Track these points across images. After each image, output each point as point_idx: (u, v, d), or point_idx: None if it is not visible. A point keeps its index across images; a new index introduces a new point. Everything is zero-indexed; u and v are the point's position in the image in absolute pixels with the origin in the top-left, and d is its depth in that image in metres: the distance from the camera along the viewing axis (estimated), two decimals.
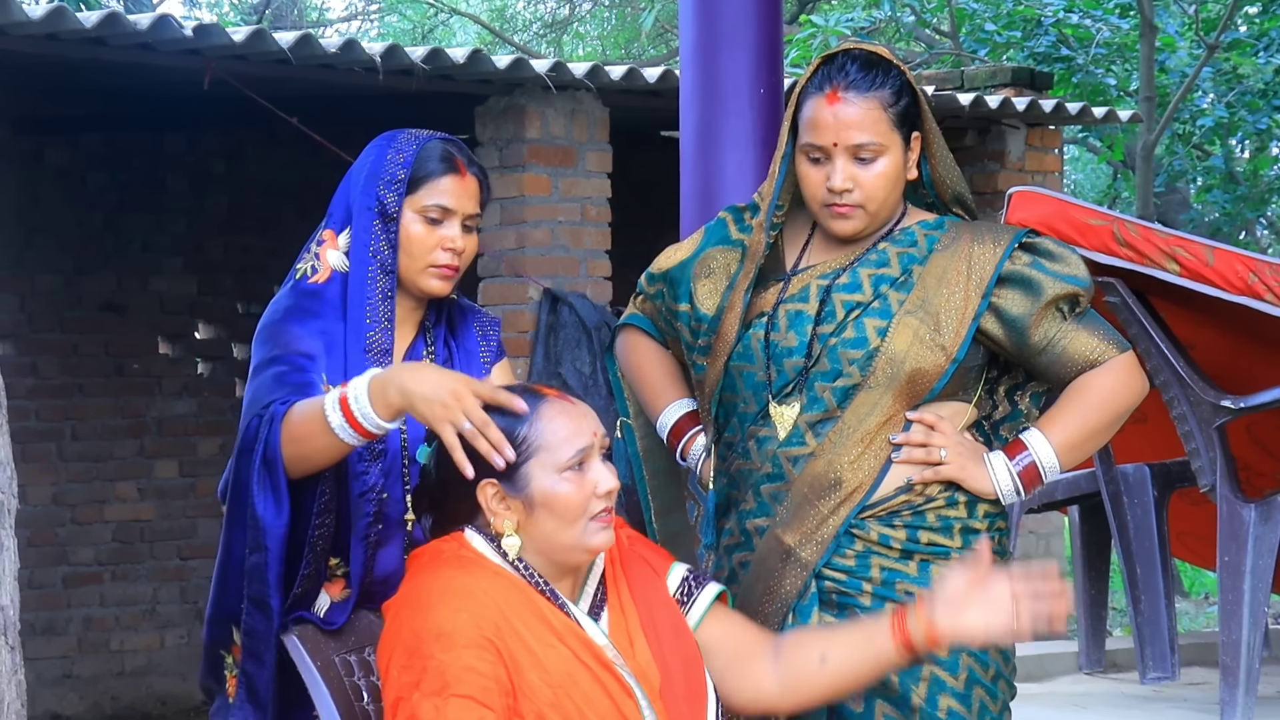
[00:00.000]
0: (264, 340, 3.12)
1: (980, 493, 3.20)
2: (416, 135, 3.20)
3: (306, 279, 3.19)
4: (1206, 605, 12.10)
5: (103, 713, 9.18)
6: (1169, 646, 5.76)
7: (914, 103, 3.22)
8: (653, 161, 8.85)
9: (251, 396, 3.05)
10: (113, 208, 9.33)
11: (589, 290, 7.83)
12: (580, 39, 19.46)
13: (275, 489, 2.97)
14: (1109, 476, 5.80)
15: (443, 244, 3.15)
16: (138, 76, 7.48)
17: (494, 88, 7.71)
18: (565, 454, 2.89)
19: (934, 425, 3.18)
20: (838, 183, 3.17)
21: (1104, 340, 3.21)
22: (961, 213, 3.33)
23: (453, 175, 3.16)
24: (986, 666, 3.17)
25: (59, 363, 9.22)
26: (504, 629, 2.79)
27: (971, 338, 3.17)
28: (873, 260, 3.23)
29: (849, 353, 3.16)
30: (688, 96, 4.44)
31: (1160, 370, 5.26)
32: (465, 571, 2.87)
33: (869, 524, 3.17)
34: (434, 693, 2.73)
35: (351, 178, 3.21)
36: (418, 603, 2.83)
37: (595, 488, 2.90)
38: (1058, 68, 11.25)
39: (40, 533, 8.96)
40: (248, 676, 3.03)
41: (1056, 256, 3.22)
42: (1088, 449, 3.26)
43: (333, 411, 2.90)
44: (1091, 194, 18.14)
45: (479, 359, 3.25)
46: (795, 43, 11.00)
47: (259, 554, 2.98)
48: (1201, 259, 5.10)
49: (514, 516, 2.90)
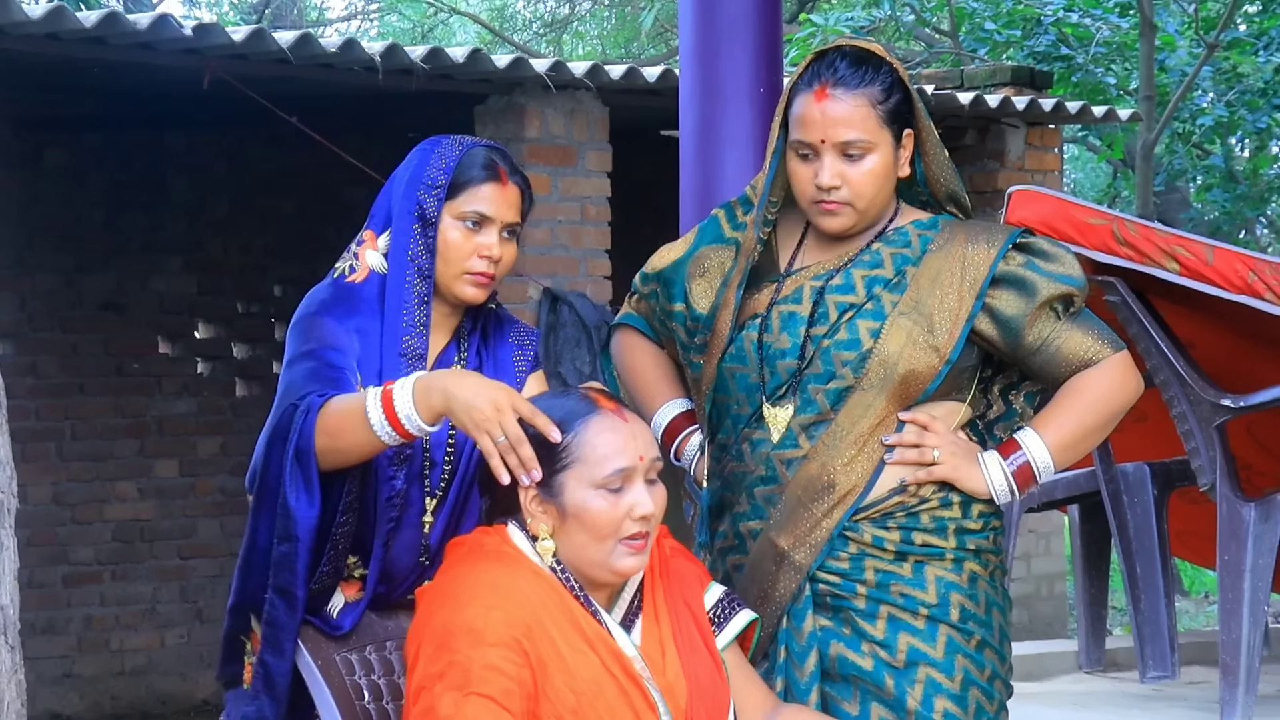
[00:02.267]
0: (299, 333, 3.11)
1: (974, 492, 3.18)
2: (461, 141, 3.18)
3: (344, 277, 3.17)
4: (1206, 604, 12.10)
5: (103, 712, 9.18)
6: (1169, 645, 5.76)
7: (906, 100, 3.20)
8: (652, 161, 8.84)
9: (285, 388, 3.04)
10: (113, 207, 9.33)
11: (589, 289, 7.83)
12: (580, 38, 19.45)
13: (307, 480, 2.96)
14: (1109, 475, 5.80)
15: (479, 251, 3.13)
16: (137, 76, 7.48)
17: (493, 87, 7.71)
18: (603, 471, 2.88)
19: (927, 425, 3.16)
20: (825, 180, 3.16)
21: (1099, 339, 3.20)
22: (956, 211, 3.30)
23: (494, 183, 3.14)
24: (982, 667, 3.16)
25: (59, 362, 9.22)
26: (535, 630, 2.79)
27: (965, 339, 3.16)
28: (866, 261, 3.21)
29: (842, 354, 3.15)
30: (687, 96, 4.44)
31: (1160, 369, 5.26)
32: (504, 568, 2.87)
33: (862, 526, 3.16)
34: (455, 688, 2.73)
35: (394, 181, 3.20)
36: (452, 595, 2.83)
37: (631, 510, 2.88)
38: (1057, 67, 11.25)
39: (40, 532, 8.96)
40: (265, 667, 3.02)
41: (1051, 256, 3.20)
42: (1083, 448, 3.24)
43: (374, 409, 2.90)
44: (1091, 193, 18.14)
45: (513, 369, 3.23)
46: (795, 42, 11.00)
47: (289, 544, 2.97)
48: (1201, 258, 5.09)
49: (549, 521, 2.90)
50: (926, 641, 3.13)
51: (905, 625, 3.14)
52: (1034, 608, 9.12)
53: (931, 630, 3.14)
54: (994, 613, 3.21)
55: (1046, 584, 9.21)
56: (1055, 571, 9.25)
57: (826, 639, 3.16)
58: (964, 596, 3.16)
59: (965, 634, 3.15)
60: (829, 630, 3.17)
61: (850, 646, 3.14)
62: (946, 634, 3.14)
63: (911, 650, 3.13)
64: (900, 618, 3.14)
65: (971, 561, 3.19)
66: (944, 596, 3.15)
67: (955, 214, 3.30)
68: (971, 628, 3.16)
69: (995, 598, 3.22)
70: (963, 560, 3.18)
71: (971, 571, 3.18)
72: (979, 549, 3.20)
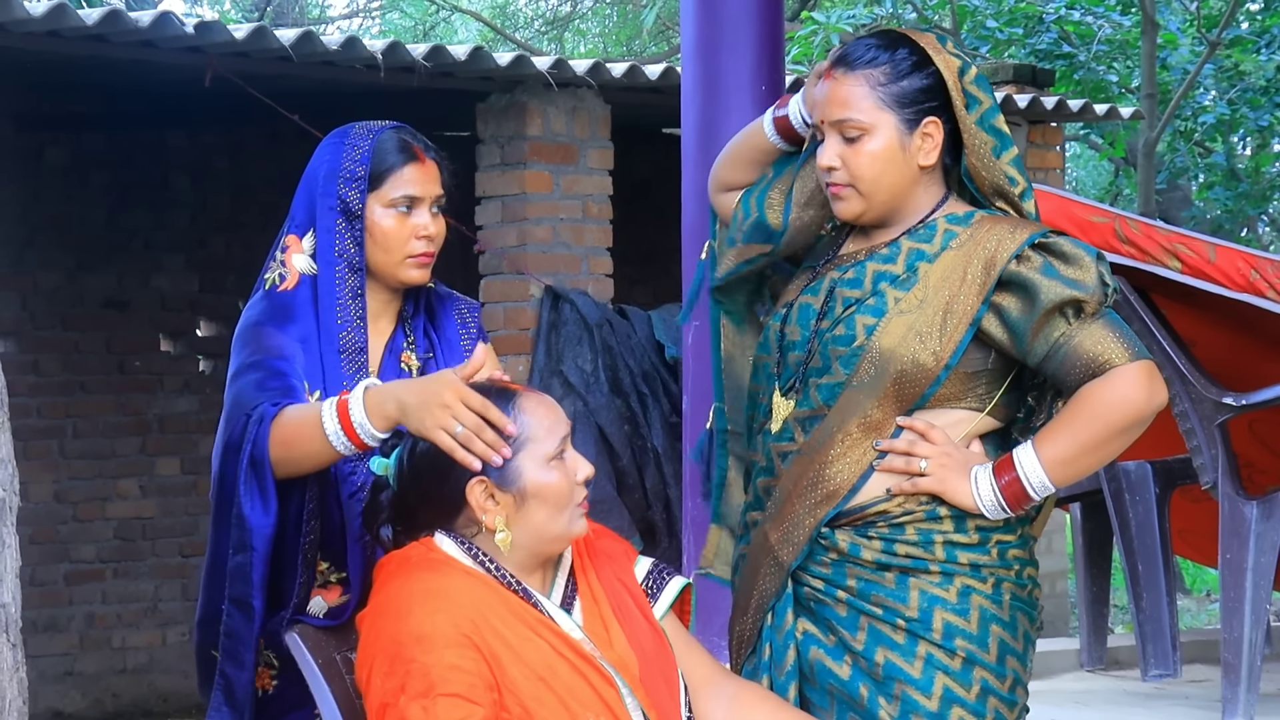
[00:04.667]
0: (242, 345, 3.12)
1: (961, 507, 3.03)
2: (369, 128, 3.20)
3: (276, 288, 3.17)
4: (1208, 602, 12.10)
5: (104, 710, 9.18)
6: (1171, 644, 5.75)
7: (935, 86, 3.05)
8: (654, 159, 8.85)
9: (234, 399, 3.05)
10: (114, 205, 9.32)
11: (590, 287, 7.82)
12: (582, 36, 19.45)
13: (263, 489, 2.97)
14: (1110, 474, 5.80)
15: (416, 232, 3.16)
16: (139, 74, 7.49)
17: (495, 85, 7.71)
18: (551, 444, 2.91)
19: (924, 433, 3.03)
20: (822, 160, 3.08)
21: (1114, 345, 2.99)
22: (1006, 207, 3.11)
23: (414, 164, 3.17)
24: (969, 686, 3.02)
25: (61, 360, 9.22)
26: (481, 626, 2.79)
27: (969, 341, 3.02)
28: (883, 254, 3.10)
29: (837, 349, 3.06)
30: (689, 93, 4.45)
31: (1162, 367, 5.20)
32: (437, 573, 2.86)
33: (838, 535, 3.07)
34: (420, 694, 2.72)
35: (309, 179, 3.21)
36: (392, 609, 2.82)
37: (575, 474, 2.92)
38: (1059, 65, 11.24)
39: (42, 530, 8.96)
40: (226, 679, 3.02)
41: (1070, 259, 3.00)
42: (1085, 464, 3.03)
43: (329, 419, 2.92)
44: (1093, 191, 18.14)
45: (459, 346, 3.26)
46: (796, 40, 10.99)
47: (244, 554, 2.98)
48: (1203, 256, 5.09)
49: (504, 511, 2.90)
50: (905, 658, 3.02)
51: (885, 638, 3.03)
52: None
53: (910, 645, 3.02)
54: (992, 628, 3.04)
55: (1048, 582, 9.21)
56: (1057, 569, 9.25)
57: (808, 644, 3.10)
58: (950, 612, 3.02)
59: (948, 651, 3.02)
60: (811, 635, 3.10)
61: (831, 655, 3.06)
62: (926, 651, 3.01)
63: (889, 665, 3.02)
64: (880, 630, 3.04)
65: (965, 577, 3.03)
66: (925, 611, 3.02)
67: (1005, 210, 3.11)
68: (957, 645, 3.02)
69: (996, 613, 3.05)
70: (952, 575, 3.03)
71: (964, 586, 3.03)
72: (975, 564, 3.04)
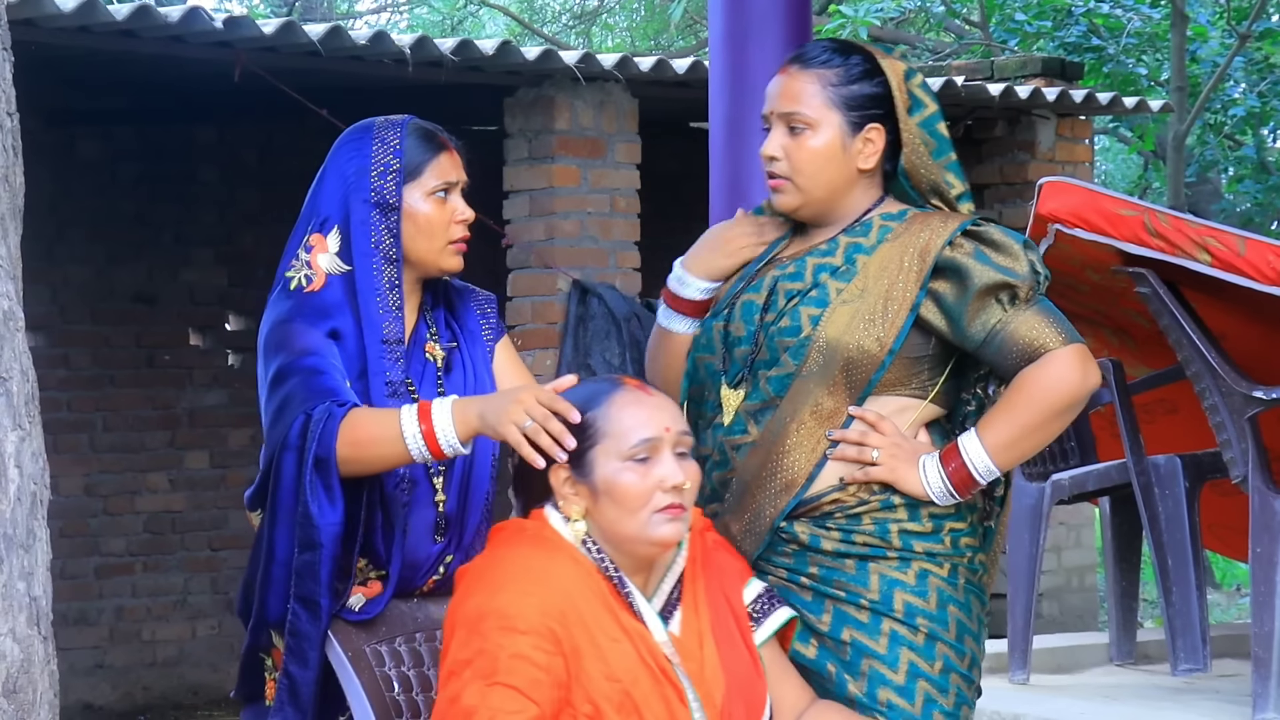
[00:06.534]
0: (275, 347, 3.14)
1: (912, 494, 3.12)
2: (393, 122, 3.24)
3: (302, 289, 3.20)
4: (1238, 597, 12.07)
5: (134, 703, 9.22)
6: (1201, 638, 5.74)
7: (882, 95, 3.19)
8: (682, 153, 8.84)
9: (284, 401, 3.07)
10: (144, 199, 9.35)
11: (618, 281, 7.83)
12: (609, 30, 19.45)
13: (328, 487, 2.99)
14: (1140, 468, 5.78)
15: (455, 217, 3.20)
16: (168, 69, 7.51)
17: (523, 79, 7.71)
18: (629, 442, 2.89)
19: (875, 424, 3.13)
20: (766, 149, 3.20)
21: (1047, 330, 3.11)
22: (940, 205, 3.24)
23: (444, 152, 3.22)
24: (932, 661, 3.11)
25: (90, 354, 9.25)
26: (570, 617, 2.80)
27: (910, 327, 3.12)
28: (821, 250, 3.21)
29: (785, 340, 3.15)
30: (717, 88, 4.44)
31: (1192, 361, 5.24)
32: (544, 553, 2.88)
33: (797, 527, 3.14)
34: (482, 676, 2.75)
35: (337, 176, 3.22)
36: (490, 578, 2.85)
37: (661, 482, 2.89)
38: (1088, 58, 11.22)
39: (72, 524, 9.00)
40: (290, 679, 3.03)
41: (1000, 246, 3.13)
42: (1026, 447, 3.14)
43: (409, 423, 2.95)
44: (1122, 184, 18.10)
45: (482, 337, 3.29)
46: (824, 33, 10.98)
47: (311, 552, 3.00)
48: (1233, 249, 5.07)
49: (582, 502, 2.91)
50: (870, 635, 3.10)
51: (849, 618, 3.11)
52: (1064, 600, 9.11)
53: (875, 623, 3.11)
54: (950, 608, 3.14)
55: (1077, 576, 9.19)
56: (1086, 564, 9.23)
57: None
58: (909, 594, 3.11)
59: (911, 628, 3.11)
60: None
61: (797, 637, 3.12)
62: (890, 628, 3.10)
63: (855, 643, 3.10)
64: (845, 610, 3.12)
65: (922, 562, 3.13)
66: (886, 593, 3.11)
67: (939, 206, 3.24)
68: (919, 623, 3.11)
69: (953, 594, 3.14)
70: (910, 560, 3.13)
71: (921, 570, 3.13)
72: (929, 552, 3.14)
